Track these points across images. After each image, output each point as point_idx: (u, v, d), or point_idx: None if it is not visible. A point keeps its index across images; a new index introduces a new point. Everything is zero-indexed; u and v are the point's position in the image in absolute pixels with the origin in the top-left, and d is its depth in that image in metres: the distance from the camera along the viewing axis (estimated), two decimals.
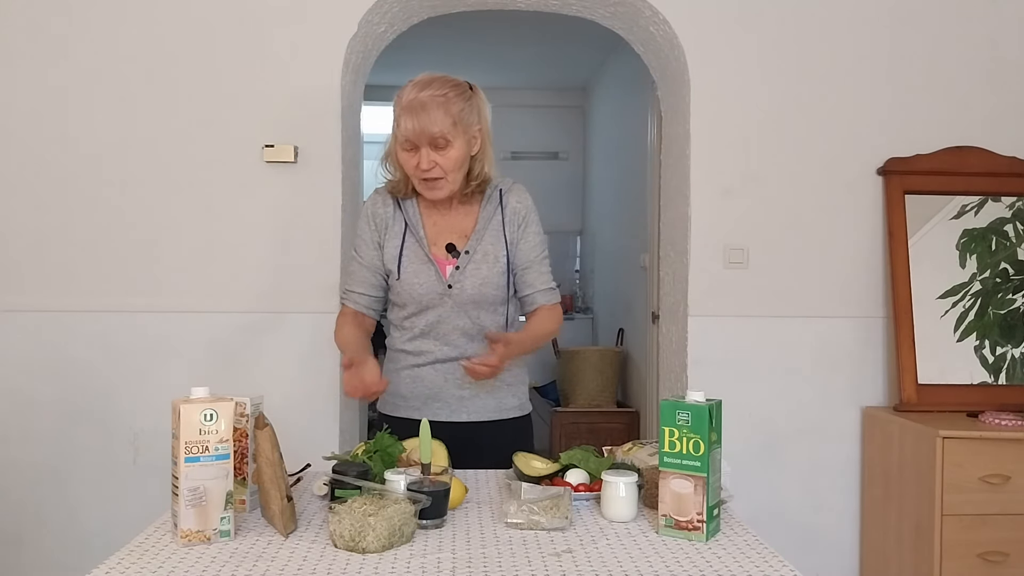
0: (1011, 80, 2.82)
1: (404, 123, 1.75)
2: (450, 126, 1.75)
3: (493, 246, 1.87)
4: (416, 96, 1.75)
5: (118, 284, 2.66)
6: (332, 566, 1.22)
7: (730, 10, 2.76)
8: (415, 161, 1.77)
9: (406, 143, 1.77)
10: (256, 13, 2.67)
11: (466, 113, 1.78)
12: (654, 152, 3.80)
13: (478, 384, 1.87)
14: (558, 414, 4.60)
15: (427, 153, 1.75)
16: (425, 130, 1.73)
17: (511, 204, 1.89)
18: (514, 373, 1.95)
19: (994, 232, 2.77)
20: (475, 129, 1.81)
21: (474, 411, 1.88)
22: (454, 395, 1.88)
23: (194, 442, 1.30)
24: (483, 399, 1.90)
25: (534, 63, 5.56)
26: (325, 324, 2.66)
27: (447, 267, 1.85)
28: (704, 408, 1.34)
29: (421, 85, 1.77)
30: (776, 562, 1.26)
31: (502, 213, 1.88)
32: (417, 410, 1.88)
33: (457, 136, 1.76)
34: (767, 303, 2.78)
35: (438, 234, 1.88)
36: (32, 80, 2.65)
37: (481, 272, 1.85)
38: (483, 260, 1.85)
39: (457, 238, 1.87)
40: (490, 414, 1.90)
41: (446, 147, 1.76)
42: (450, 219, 1.89)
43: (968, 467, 2.40)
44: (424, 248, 1.85)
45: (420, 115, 1.73)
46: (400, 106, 1.77)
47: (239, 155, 2.67)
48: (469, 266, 1.85)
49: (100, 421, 2.66)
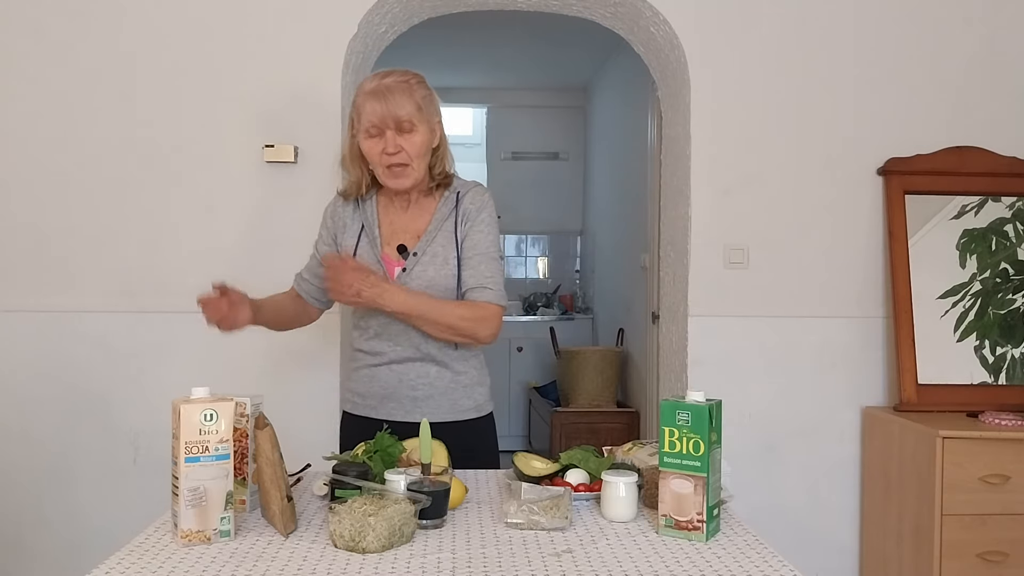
0: (1011, 80, 2.82)
1: (370, 108, 1.77)
2: (415, 110, 1.77)
3: (444, 248, 1.85)
4: (380, 82, 1.78)
5: (118, 284, 2.66)
6: (332, 566, 1.22)
7: (730, 10, 2.76)
8: (380, 147, 1.78)
9: (372, 128, 1.78)
10: (256, 13, 2.67)
11: (428, 102, 1.81)
12: (654, 152, 3.80)
13: (431, 385, 1.87)
14: (558, 414, 4.60)
15: (392, 137, 1.77)
16: (391, 113, 1.75)
17: (464, 204, 1.88)
18: (470, 375, 1.92)
19: (994, 232, 2.77)
20: (435, 121, 1.84)
21: (428, 412, 1.85)
22: (408, 396, 1.88)
23: (194, 442, 1.30)
24: (437, 400, 1.88)
25: (534, 63, 5.56)
26: (325, 324, 2.66)
27: (395, 268, 1.85)
28: (704, 408, 1.34)
29: (383, 74, 1.80)
30: (776, 562, 1.26)
31: (456, 214, 1.87)
32: (374, 408, 1.89)
33: (421, 122, 1.79)
34: (767, 303, 2.78)
35: (392, 234, 1.88)
36: (33, 80, 2.65)
37: (428, 274, 1.83)
38: (431, 262, 1.84)
39: (410, 239, 1.86)
40: (444, 415, 1.87)
41: (411, 131, 1.78)
42: (405, 220, 1.89)
43: (968, 467, 2.40)
44: (376, 249, 1.86)
45: (387, 98, 1.76)
46: (363, 94, 1.79)
47: (239, 155, 2.67)
48: (416, 268, 1.84)
49: (100, 421, 2.66)
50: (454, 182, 1.90)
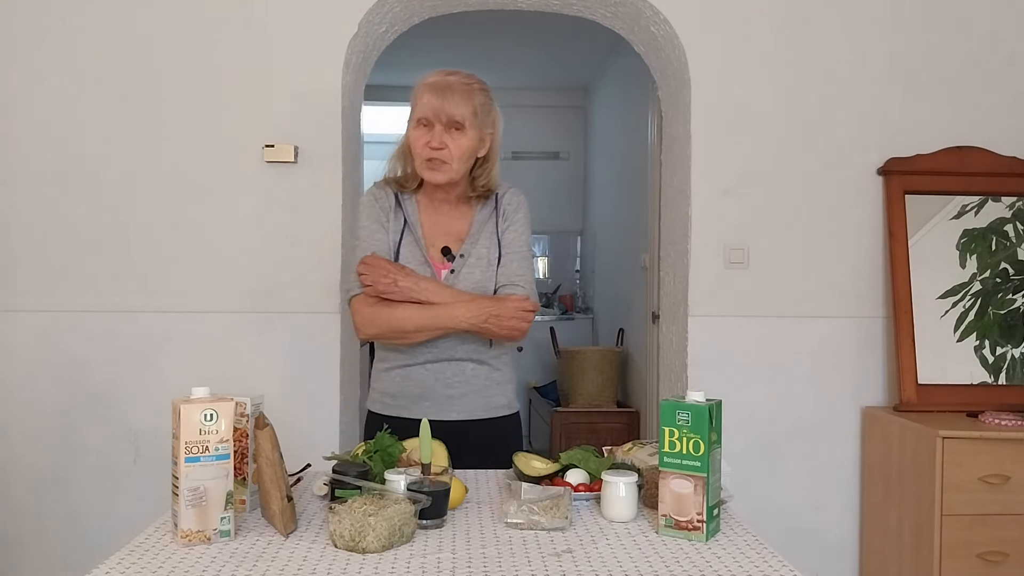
0: (1011, 80, 2.82)
1: (426, 100, 1.78)
2: (469, 114, 1.79)
3: (487, 249, 1.87)
4: (443, 78, 1.80)
5: (118, 284, 2.66)
6: (332, 566, 1.22)
7: (731, 10, 2.76)
8: (426, 139, 1.79)
9: (423, 119, 1.79)
10: (257, 13, 2.67)
11: (485, 111, 1.83)
12: (654, 152, 3.80)
13: (466, 383, 1.88)
14: (558, 414, 4.60)
15: (440, 132, 1.78)
16: (445, 110, 1.77)
17: (502, 204, 1.91)
18: (504, 372, 1.94)
19: (994, 232, 2.77)
20: (488, 131, 1.85)
21: (463, 410, 1.88)
22: (443, 394, 1.88)
23: (194, 442, 1.29)
24: (471, 398, 1.89)
25: (535, 63, 5.56)
26: (325, 324, 2.68)
27: (442, 271, 1.86)
28: (704, 408, 1.34)
29: (449, 72, 1.82)
30: (776, 562, 1.26)
31: (496, 216, 1.90)
32: (406, 409, 1.88)
33: (472, 127, 1.80)
34: (767, 303, 2.78)
35: (435, 235, 1.88)
36: (33, 80, 2.65)
37: (475, 276, 1.85)
38: (477, 264, 1.86)
39: (452, 241, 1.88)
40: (479, 413, 1.89)
41: (460, 132, 1.79)
42: (446, 221, 1.89)
43: (968, 467, 2.40)
44: (422, 249, 1.86)
45: (446, 95, 1.77)
46: (423, 85, 1.80)
47: (239, 155, 2.67)
48: (464, 270, 1.85)
49: (100, 421, 2.66)
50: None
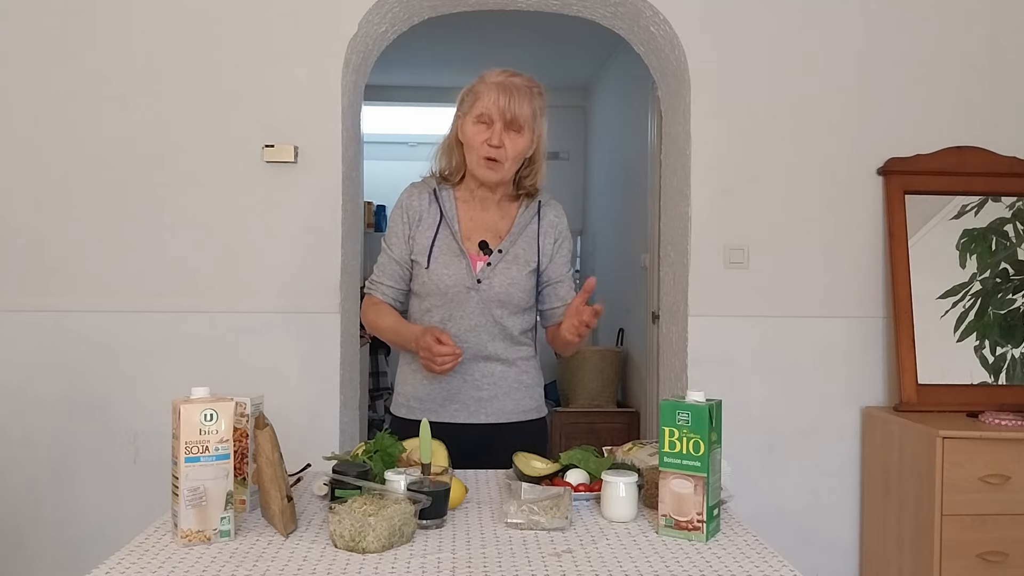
0: (1011, 80, 2.82)
1: (491, 99, 1.81)
2: (530, 116, 1.83)
3: (525, 251, 1.89)
4: (509, 79, 1.84)
5: (118, 284, 2.66)
6: (332, 566, 1.22)
7: (731, 10, 2.76)
8: (486, 136, 1.82)
9: (484, 116, 1.82)
10: (256, 13, 2.67)
11: (540, 113, 1.87)
12: (654, 152, 3.80)
13: (495, 385, 1.88)
14: (558, 414, 4.60)
15: (500, 131, 1.81)
16: (510, 110, 1.81)
17: (549, 217, 1.94)
18: (532, 375, 1.95)
19: (994, 232, 2.77)
20: (538, 134, 1.89)
21: (493, 413, 1.88)
22: (473, 396, 1.88)
23: (194, 442, 1.29)
24: (502, 400, 1.89)
25: (534, 63, 5.55)
26: (325, 324, 2.68)
27: (478, 263, 1.86)
28: (704, 408, 1.34)
29: (512, 72, 1.87)
30: (776, 562, 1.26)
31: (539, 223, 1.92)
32: (435, 412, 1.87)
33: (530, 129, 1.84)
34: (767, 303, 2.78)
35: (472, 230, 1.89)
36: (33, 81, 2.65)
37: (511, 273, 1.86)
38: (514, 262, 1.87)
39: (491, 237, 1.89)
40: (509, 416, 1.90)
41: (519, 133, 1.83)
42: (486, 217, 1.91)
43: (968, 467, 2.40)
44: (457, 241, 1.87)
45: (513, 95, 1.81)
46: (487, 83, 1.84)
47: (239, 155, 2.67)
48: (500, 264, 1.86)
49: (100, 421, 2.66)
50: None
